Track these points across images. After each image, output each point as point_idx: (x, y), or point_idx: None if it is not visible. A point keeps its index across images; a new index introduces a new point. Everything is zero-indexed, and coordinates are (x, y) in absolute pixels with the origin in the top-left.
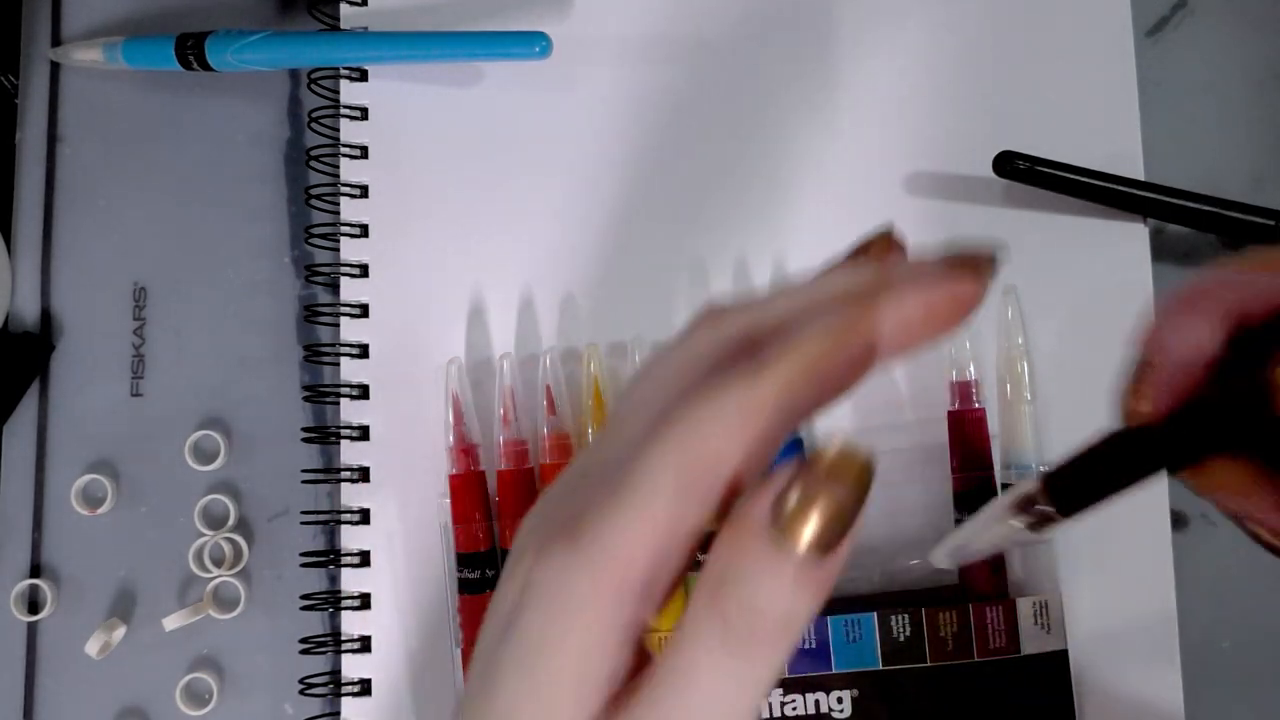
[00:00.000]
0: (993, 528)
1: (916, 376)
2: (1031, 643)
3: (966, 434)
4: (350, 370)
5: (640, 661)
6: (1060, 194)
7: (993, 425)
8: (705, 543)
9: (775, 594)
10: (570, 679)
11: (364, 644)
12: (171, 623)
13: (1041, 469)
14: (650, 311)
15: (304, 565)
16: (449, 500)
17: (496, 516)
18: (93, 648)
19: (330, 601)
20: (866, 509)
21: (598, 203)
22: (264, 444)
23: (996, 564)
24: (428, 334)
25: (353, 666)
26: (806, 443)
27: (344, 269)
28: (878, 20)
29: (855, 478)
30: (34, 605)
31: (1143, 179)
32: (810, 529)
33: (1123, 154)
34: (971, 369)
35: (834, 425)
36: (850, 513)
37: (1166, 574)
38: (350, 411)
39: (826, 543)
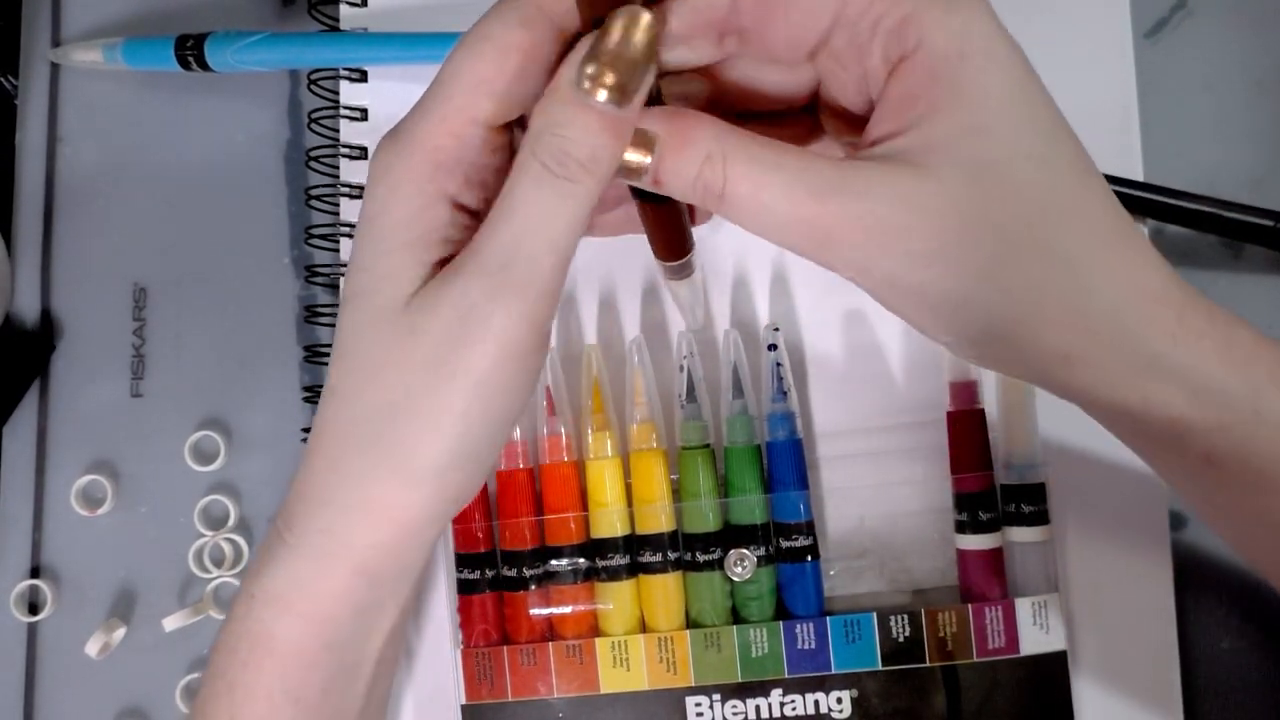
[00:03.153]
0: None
1: (916, 377)
2: (1031, 643)
3: (966, 434)
4: None
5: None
6: None
7: (992, 425)
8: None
9: (583, 134)
10: (400, 234)
11: None
12: (171, 623)
13: None
14: (650, 312)
15: None
16: None
17: (496, 517)
18: (93, 648)
19: None
20: (653, 63)
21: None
22: (264, 444)
23: (996, 565)
24: None
25: None
26: (796, 424)
27: (343, 270)
28: None
29: (642, 35)
30: (34, 606)
31: (1142, 179)
32: (607, 80)
33: (1122, 154)
34: (972, 370)
35: (834, 426)
36: (640, 65)
37: (1166, 574)
38: None
39: (622, 90)
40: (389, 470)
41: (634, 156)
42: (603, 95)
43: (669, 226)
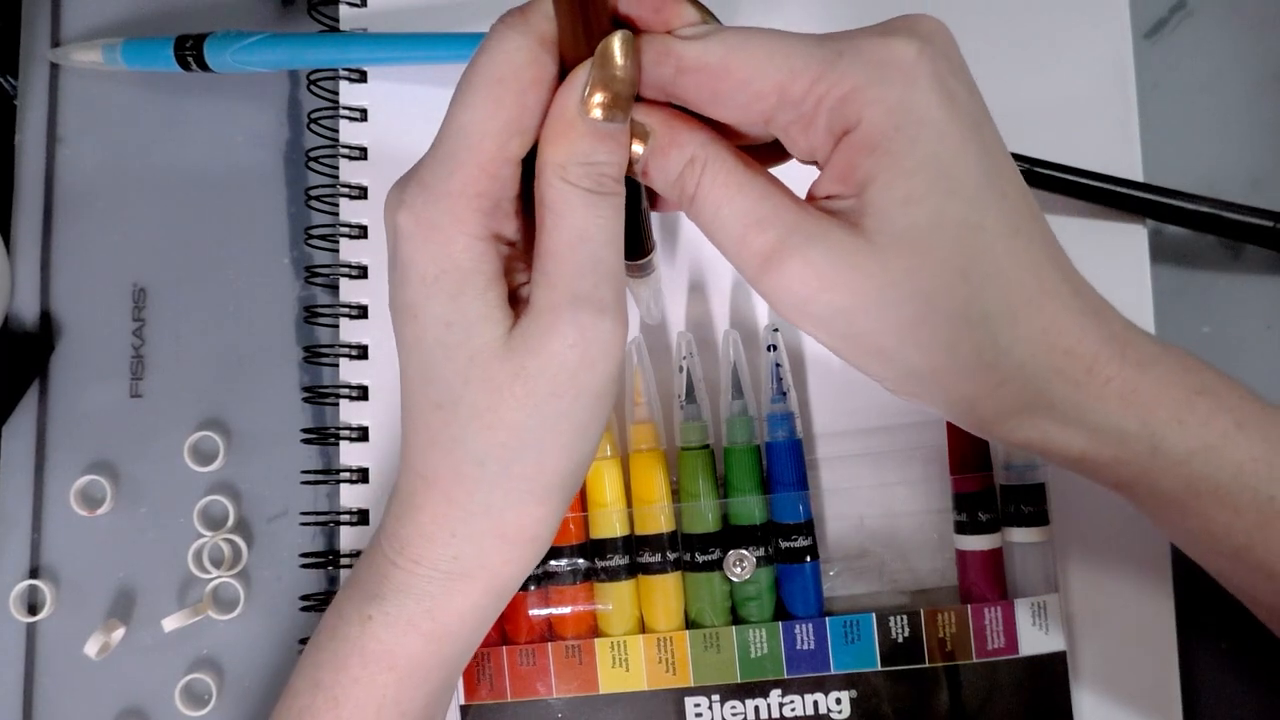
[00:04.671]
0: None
1: None
2: (1030, 643)
3: (965, 435)
4: (349, 371)
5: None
6: (1059, 195)
7: None
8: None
9: (609, 156)
10: (473, 281)
11: None
12: (171, 623)
13: None
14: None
15: (303, 566)
16: None
17: None
18: (92, 648)
19: (329, 602)
20: (636, 83)
21: None
22: (263, 445)
23: (996, 565)
24: None
25: None
26: (795, 422)
27: (343, 270)
28: (876, 21)
29: (625, 55)
30: (33, 606)
31: (1141, 180)
32: (607, 102)
33: (1121, 155)
34: None
35: (834, 427)
36: (630, 82)
37: (1166, 574)
38: (349, 412)
39: (621, 107)
40: (521, 499)
41: (633, 147)
42: (604, 115)
43: (630, 227)
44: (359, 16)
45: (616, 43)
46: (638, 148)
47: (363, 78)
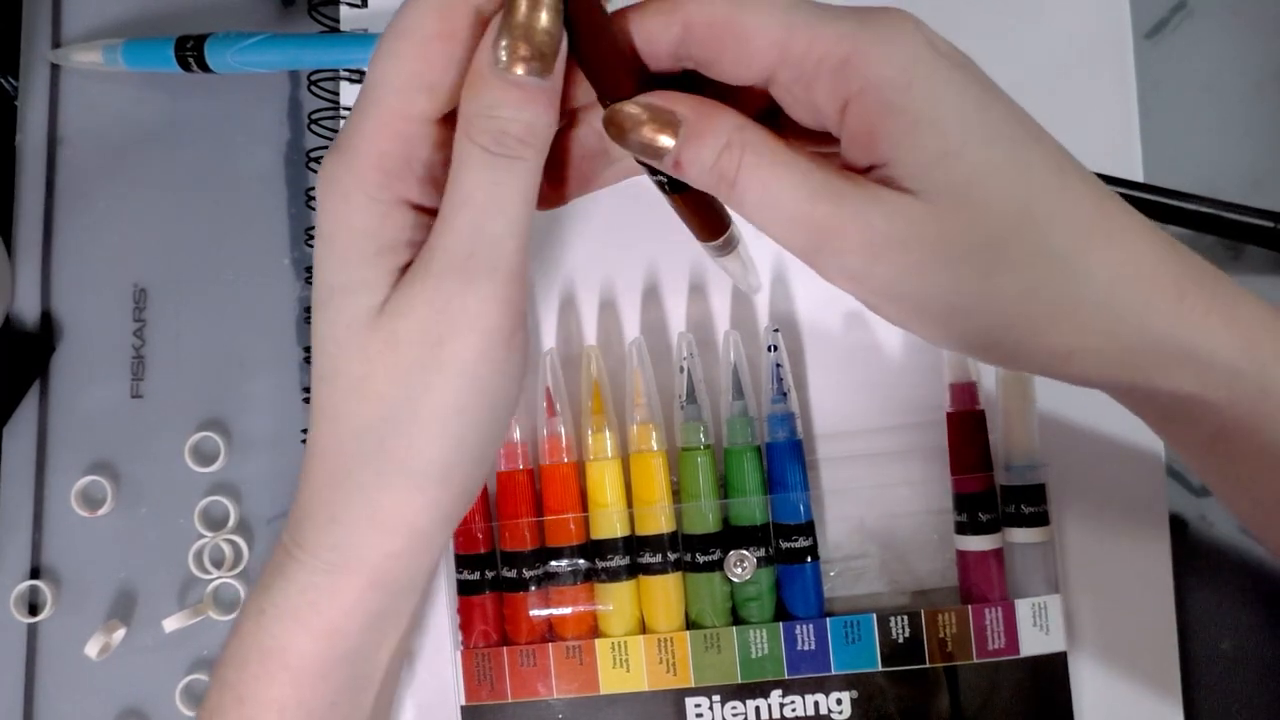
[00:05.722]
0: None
1: (916, 378)
2: (1031, 644)
3: (966, 435)
4: None
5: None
6: None
7: (992, 427)
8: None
9: (515, 111)
10: (362, 244)
11: None
12: (171, 624)
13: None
14: (650, 313)
15: None
16: None
17: (495, 518)
18: (92, 649)
19: None
20: (561, 29)
21: (597, 204)
22: (264, 445)
23: (996, 565)
24: None
25: None
26: (796, 422)
27: None
28: None
29: (547, 3)
30: (34, 607)
31: (1142, 180)
32: (523, 53)
33: (1121, 155)
34: (971, 370)
35: (834, 427)
36: (550, 33)
37: (1166, 574)
38: None
39: (540, 59)
40: (396, 478)
41: (661, 139)
42: (522, 69)
43: (701, 209)
44: (359, 17)
45: None
46: (668, 140)
47: (363, 78)
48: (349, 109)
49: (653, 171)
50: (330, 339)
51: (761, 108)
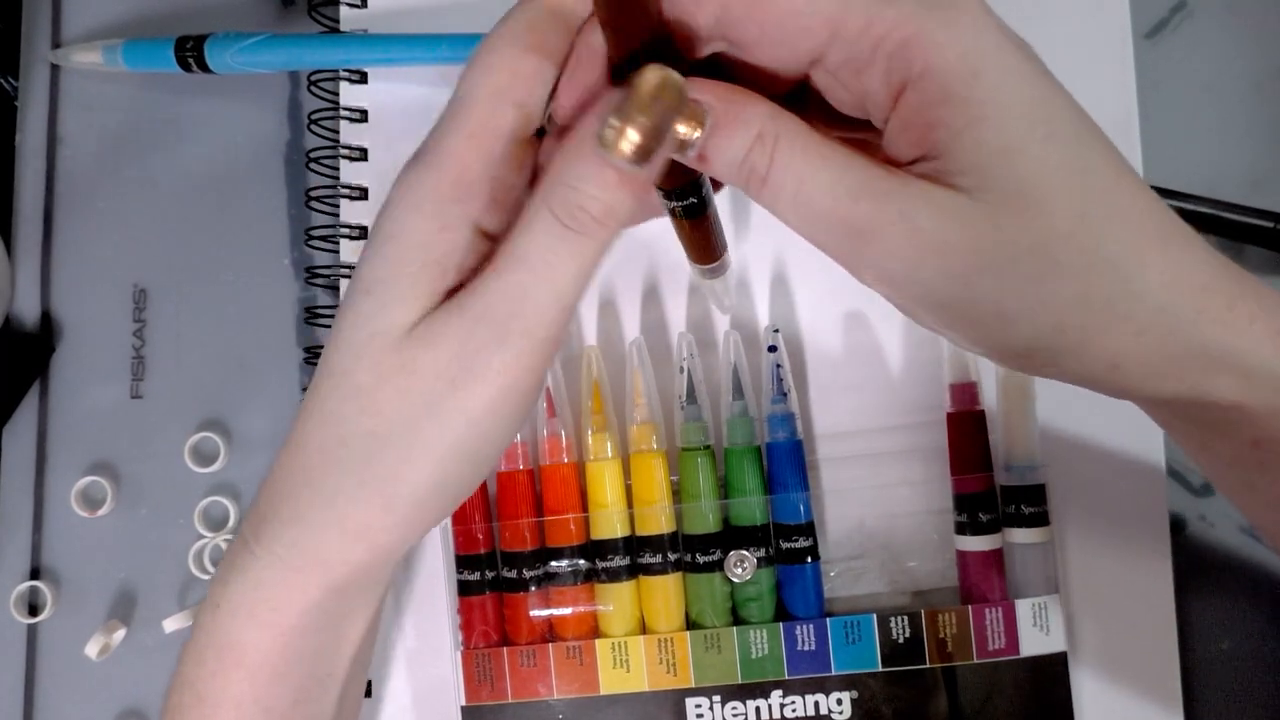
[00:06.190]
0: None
1: (916, 379)
2: (1031, 644)
3: (966, 436)
4: None
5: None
6: None
7: (992, 427)
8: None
9: (599, 190)
10: (415, 256)
11: None
12: (171, 625)
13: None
14: (650, 313)
15: None
16: None
17: (496, 518)
18: (92, 650)
19: None
20: (675, 128)
21: None
22: (264, 446)
23: (996, 566)
24: None
25: None
26: (796, 421)
27: (344, 271)
28: None
29: (670, 100)
30: (34, 607)
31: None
32: (629, 141)
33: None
34: (971, 371)
35: (834, 428)
36: (664, 130)
37: (1166, 575)
38: None
39: (645, 152)
40: (371, 494)
41: (683, 129)
42: (624, 154)
43: (703, 235)
44: (359, 17)
45: (661, 77)
46: (691, 131)
47: (363, 79)
48: (349, 109)
49: (667, 195)
50: (350, 341)
51: (784, 94)
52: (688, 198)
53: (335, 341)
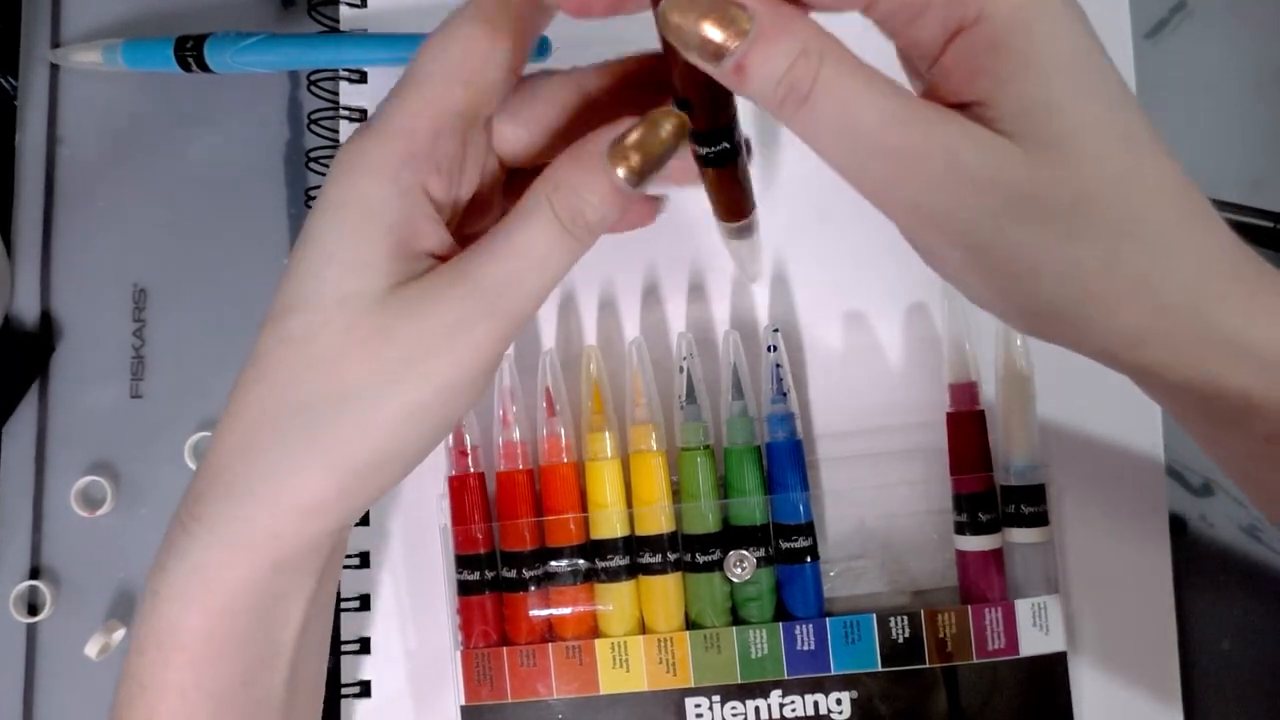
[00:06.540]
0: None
1: (916, 378)
2: (1031, 644)
3: (966, 436)
4: None
5: (430, 229)
6: None
7: (992, 427)
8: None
9: (599, 201)
10: (376, 221)
11: (363, 645)
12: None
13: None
14: (650, 313)
15: None
16: (448, 501)
17: (495, 518)
18: (92, 649)
19: None
20: (671, 158)
21: None
22: None
23: (996, 566)
24: None
25: (352, 668)
26: (796, 422)
27: None
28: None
29: (670, 130)
30: (33, 607)
31: None
32: (633, 162)
33: None
34: (972, 371)
35: (834, 427)
36: (659, 156)
37: (1166, 574)
38: None
39: (641, 175)
40: (314, 463)
41: (717, 34)
42: (623, 173)
43: (732, 187)
44: (359, 17)
45: (676, 120)
46: (729, 40)
47: (363, 78)
48: (349, 109)
49: (698, 140)
50: (315, 306)
51: None
52: (719, 142)
53: (290, 308)
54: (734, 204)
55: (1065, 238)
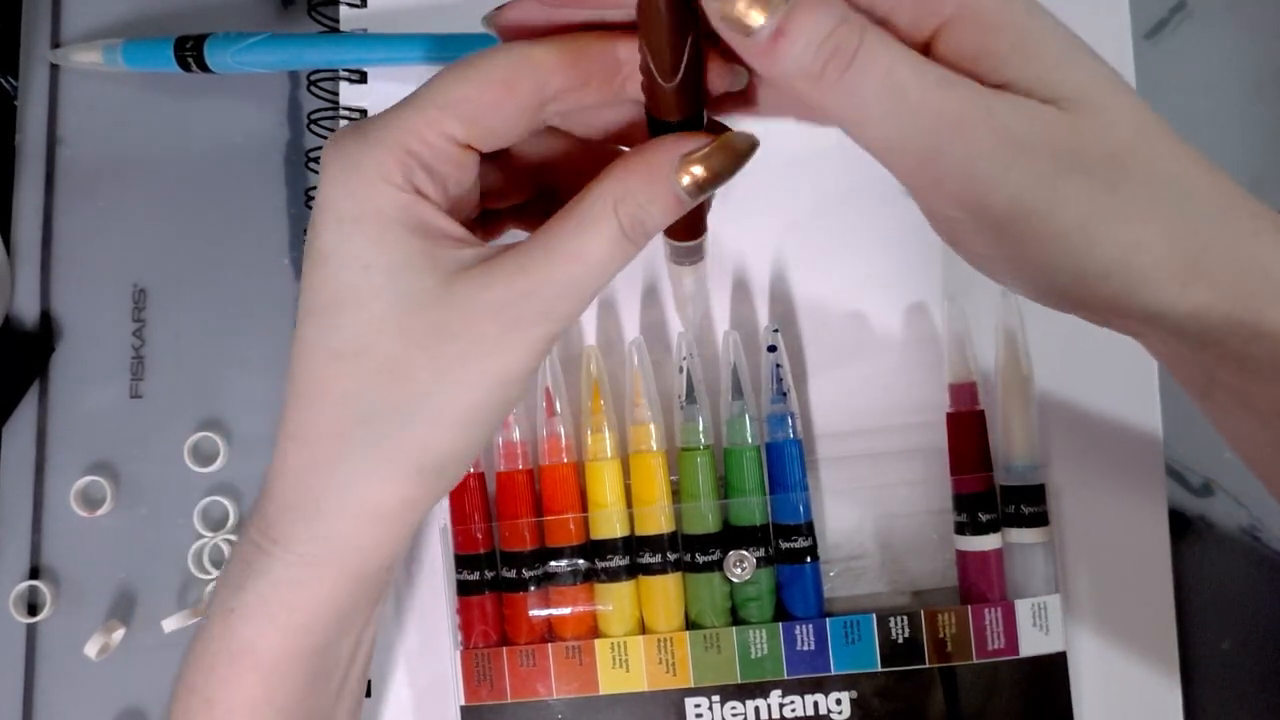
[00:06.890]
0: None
1: (916, 378)
2: (1030, 644)
3: (966, 436)
4: None
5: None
6: None
7: (992, 427)
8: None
9: (661, 213)
10: (398, 225)
11: None
12: (171, 624)
13: None
14: (650, 313)
15: None
16: (448, 501)
17: (495, 518)
18: (92, 649)
19: None
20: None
21: None
22: (263, 446)
23: (996, 566)
24: None
25: None
26: (796, 423)
27: None
28: None
29: (743, 152)
30: (33, 607)
31: None
32: (697, 176)
33: None
34: (972, 371)
35: (834, 427)
36: (726, 175)
37: (1166, 574)
38: None
39: (700, 190)
40: (395, 468)
41: (754, 13)
42: (685, 184)
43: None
44: (359, 17)
45: (749, 143)
46: (760, 15)
47: (363, 78)
48: (349, 109)
49: (658, 131)
50: (368, 317)
51: None
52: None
53: (335, 325)
54: (690, 221)
55: (1109, 190)
